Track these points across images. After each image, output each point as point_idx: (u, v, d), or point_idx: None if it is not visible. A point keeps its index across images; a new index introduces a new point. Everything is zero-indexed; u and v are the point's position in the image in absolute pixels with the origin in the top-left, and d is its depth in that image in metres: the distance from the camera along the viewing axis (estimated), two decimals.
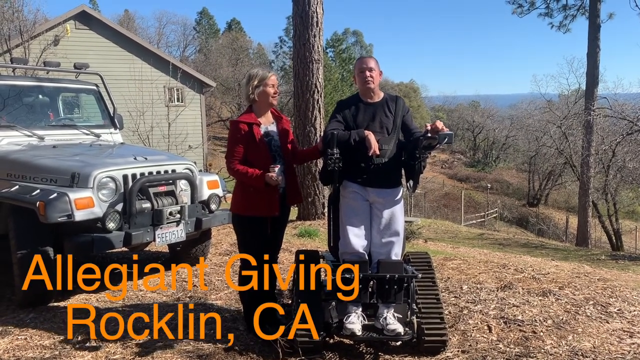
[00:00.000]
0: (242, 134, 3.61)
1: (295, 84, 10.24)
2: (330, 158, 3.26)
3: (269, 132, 3.72)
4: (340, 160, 3.28)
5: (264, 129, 3.70)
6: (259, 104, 3.72)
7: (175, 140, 15.27)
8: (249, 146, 3.61)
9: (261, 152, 3.62)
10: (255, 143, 3.61)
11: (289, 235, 8.70)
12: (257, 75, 3.68)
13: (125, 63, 18.69)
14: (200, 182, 5.15)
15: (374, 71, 3.55)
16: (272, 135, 3.73)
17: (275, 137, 3.74)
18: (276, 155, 3.70)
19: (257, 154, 3.61)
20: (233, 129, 3.68)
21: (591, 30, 23.77)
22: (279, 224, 3.85)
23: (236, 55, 43.03)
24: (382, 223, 3.50)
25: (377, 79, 3.58)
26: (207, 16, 59.82)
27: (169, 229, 4.65)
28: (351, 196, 3.52)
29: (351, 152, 3.39)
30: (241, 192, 3.68)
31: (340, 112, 3.58)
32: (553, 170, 38.77)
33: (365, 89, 3.59)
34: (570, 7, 26.24)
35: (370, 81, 3.54)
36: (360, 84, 3.59)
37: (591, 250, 16.62)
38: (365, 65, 3.56)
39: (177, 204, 4.78)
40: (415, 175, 3.49)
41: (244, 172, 3.56)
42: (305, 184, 10.08)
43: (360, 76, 3.57)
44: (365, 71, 3.54)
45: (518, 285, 4.83)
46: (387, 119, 3.53)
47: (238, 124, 3.65)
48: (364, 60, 3.60)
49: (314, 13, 9.92)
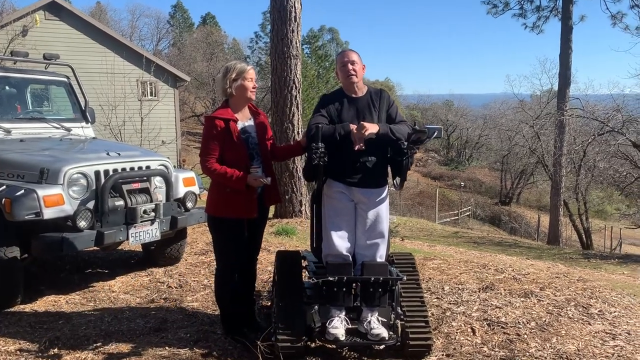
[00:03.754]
0: (218, 130, 3.43)
1: (272, 79, 10.09)
2: (315, 152, 3.12)
3: (246, 129, 3.56)
4: (325, 154, 3.14)
5: (241, 125, 3.54)
6: (235, 99, 3.55)
7: (148, 135, 14.97)
8: (225, 144, 3.44)
9: (238, 150, 3.46)
10: (232, 140, 3.44)
11: (266, 234, 8.47)
12: (235, 68, 3.51)
13: (96, 56, 18.20)
14: (176, 179, 4.97)
15: (356, 64, 3.41)
16: (249, 131, 3.57)
17: (253, 134, 3.58)
18: (254, 153, 3.54)
19: (233, 152, 3.45)
20: (208, 125, 3.50)
21: (564, 32, 24.13)
22: (257, 226, 3.70)
23: (211, 50, 42.47)
24: (367, 224, 3.39)
25: (360, 73, 3.44)
26: (181, 10, 58.99)
27: (143, 228, 4.47)
28: (335, 196, 3.39)
29: (336, 150, 3.26)
30: (217, 192, 3.52)
31: (324, 106, 3.44)
32: (525, 170, 39.31)
33: (348, 83, 3.45)
34: (543, 8, 26.57)
35: (353, 75, 3.40)
36: (343, 78, 3.45)
37: (564, 249, 16.85)
38: (347, 59, 3.42)
39: (151, 202, 4.60)
40: (402, 172, 3.37)
41: (222, 172, 3.38)
42: (282, 182, 9.94)
43: (343, 70, 3.44)
44: (347, 65, 3.40)
45: (499, 286, 4.79)
46: (372, 113, 3.41)
47: (213, 120, 3.47)
48: (345, 54, 3.46)
49: (292, 8, 9.77)
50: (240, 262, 3.63)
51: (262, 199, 3.58)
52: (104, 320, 4.07)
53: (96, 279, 5.10)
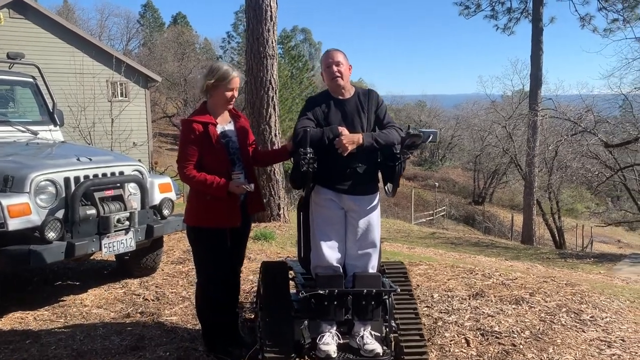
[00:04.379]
0: (197, 134, 3.20)
1: (248, 80, 9.84)
2: (304, 158, 2.92)
3: (226, 133, 3.34)
4: (315, 160, 2.94)
5: (221, 129, 3.32)
6: (214, 102, 3.33)
7: (119, 137, 14.62)
8: (204, 149, 3.22)
9: (218, 155, 3.24)
10: (211, 145, 3.22)
11: None
12: (217, 71, 3.25)
13: (64, 55, 17.67)
14: (151, 185, 4.71)
15: (341, 65, 3.21)
16: (229, 136, 3.35)
17: (234, 138, 3.36)
18: (235, 158, 3.33)
19: (213, 158, 3.23)
20: (185, 129, 3.26)
21: (534, 33, 24.43)
22: (240, 236, 3.48)
23: (182, 50, 41.92)
24: (358, 233, 3.19)
25: (346, 74, 3.24)
26: (151, 9, 58.02)
27: (117, 238, 4.21)
28: (324, 204, 3.19)
29: (324, 155, 3.06)
30: (196, 200, 3.29)
31: (311, 109, 3.23)
32: (497, 169, 39.76)
33: (334, 86, 3.25)
34: (514, 10, 26.86)
35: (338, 76, 3.20)
36: (328, 80, 3.26)
37: (540, 249, 16.99)
38: (331, 60, 3.22)
39: (125, 210, 4.33)
40: (395, 178, 3.19)
41: (201, 179, 3.16)
42: (259, 184, 9.72)
43: (327, 72, 3.24)
44: (332, 66, 3.20)
45: (489, 293, 4.66)
46: (361, 116, 3.22)
47: (191, 124, 3.24)
48: (330, 54, 3.25)
49: (267, 7, 9.56)
50: (223, 274, 3.41)
51: (244, 207, 3.36)
52: (75, 338, 3.79)
53: (67, 293, 4.79)
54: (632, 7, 23.75)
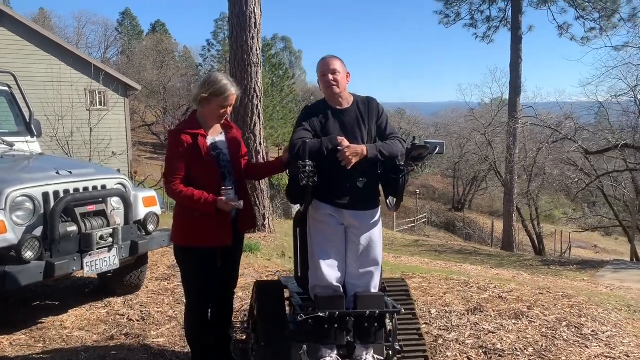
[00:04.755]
0: (185, 147, 3.00)
1: None
2: (303, 172, 2.74)
3: (216, 145, 3.14)
4: (315, 173, 2.76)
5: (211, 141, 3.12)
6: (205, 113, 3.12)
7: (97, 146, 14.30)
8: (193, 162, 3.02)
9: (208, 168, 3.04)
10: (200, 158, 3.02)
11: None
12: (214, 85, 3.03)
13: (41, 63, 17.24)
14: (135, 199, 4.49)
15: (338, 73, 3.04)
16: (220, 147, 3.15)
17: (224, 150, 3.17)
18: (225, 172, 3.13)
19: (203, 172, 3.03)
20: (173, 141, 3.06)
21: (513, 42, 24.68)
22: (233, 255, 3.28)
23: (161, 58, 41.44)
24: (360, 250, 3.02)
25: (343, 82, 3.07)
26: (130, 17, 57.41)
27: (100, 256, 3.97)
28: (323, 219, 3.01)
29: (322, 167, 2.88)
30: (184, 217, 3.08)
31: (307, 119, 3.05)
32: (476, 176, 40.06)
33: (330, 94, 3.08)
34: (493, 18, 27.09)
35: (334, 85, 3.03)
36: (324, 88, 3.09)
37: (523, 256, 17.02)
38: (327, 68, 3.05)
39: (108, 226, 4.10)
40: (398, 192, 3.01)
41: (188, 195, 2.96)
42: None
43: (323, 80, 3.06)
44: (328, 74, 3.03)
45: (487, 307, 4.53)
46: (362, 127, 3.05)
47: (179, 135, 3.03)
48: (325, 62, 3.08)
49: (251, 14, 9.40)
50: (215, 295, 3.21)
51: (235, 224, 3.17)
52: None
53: (45, 314, 4.51)
54: (608, 16, 24.15)
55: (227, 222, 3.07)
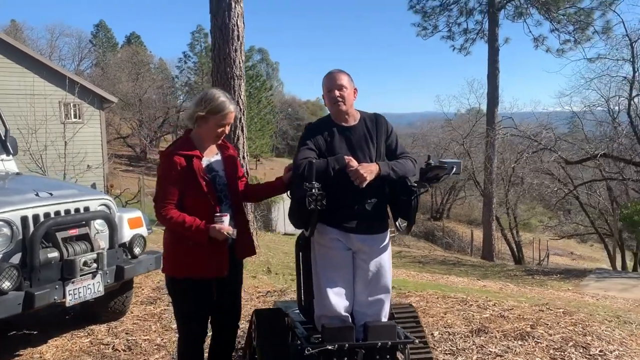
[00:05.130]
0: (178, 169, 2.77)
1: None
2: (311, 195, 2.55)
3: (212, 166, 2.92)
4: (323, 196, 2.56)
5: (206, 162, 2.90)
6: (201, 133, 2.91)
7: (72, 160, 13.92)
8: (187, 186, 2.79)
9: (203, 192, 2.81)
10: (195, 181, 2.79)
11: None
12: (210, 102, 2.82)
13: (13, 76, 16.79)
14: (120, 221, 4.23)
15: (344, 89, 2.86)
16: (216, 169, 2.93)
17: (220, 172, 2.95)
18: (222, 195, 2.90)
19: (197, 196, 2.80)
20: (166, 164, 2.82)
21: (490, 54, 24.95)
22: (231, 285, 3.03)
23: (136, 70, 40.91)
24: (369, 276, 2.82)
25: (350, 98, 2.90)
26: (104, 29, 56.67)
27: (83, 283, 3.71)
28: (329, 244, 2.81)
29: (328, 188, 2.68)
30: (176, 246, 2.84)
31: (311, 137, 2.86)
32: (455, 185, 40.31)
33: (336, 111, 2.91)
34: (470, 31, 27.38)
35: (341, 102, 2.85)
36: (330, 105, 2.91)
37: (506, 266, 17.03)
38: (333, 83, 2.87)
39: (92, 251, 3.84)
40: (410, 214, 2.84)
41: (179, 221, 2.72)
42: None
43: (329, 96, 2.89)
44: (334, 90, 2.85)
45: (491, 328, 4.37)
46: (370, 145, 2.87)
47: (172, 157, 2.80)
48: (332, 77, 2.90)
49: (234, 26, 9.22)
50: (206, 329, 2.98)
51: (232, 251, 2.94)
52: None
53: (23, 345, 4.20)
54: (582, 29, 24.56)
55: (222, 250, 2.84)
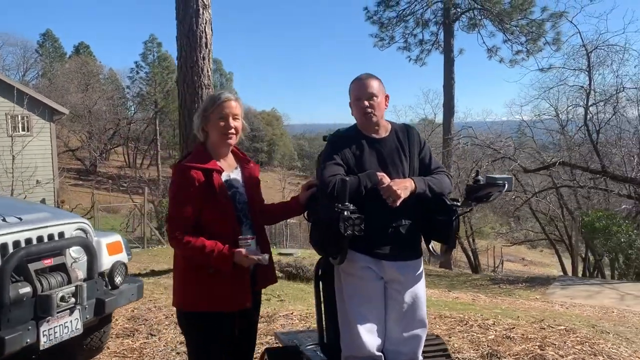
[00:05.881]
0: (196, 186, 2.40)
1: (181, 112, 9.00)
2: (347, 219, 2.20)
3: (231, 182, 2.55)
4: (362, 220, 2.23)
5: (225, 177, 2.53)
6: (212, 141, 2.55)
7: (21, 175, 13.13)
8: (205, 204, 2.42)
9: (223, 212, 2.45)
10: (215, 200, 2.43)
11: None
12: (205, 102, 2.57)
13: None
14: (98, 247, 3.76)
15: (375, 98, 2.55)
16: (235, 186, 2.56)
17: (241, 190, 2.58)
18: (241, 215, 2.54)
19: (216, 216, 2.43)
20: (181, 180, 2.44)
21: (446, 64, 25.34)
22: (249, 317, 2.65)
23: (86, 80, 39.54)
24: (404, 309, 2.50)
25: (381, 108, 2.58)
26: (51, 38, 54.53)
27: (60, 321, 3.22)
28: (359, 273, 2.48)
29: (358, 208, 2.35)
30: (191, 275, 2.45)
31: (338, 151, 2.53)
32: None
33: (365, 122, 2.59)
34: (426, 42, 27.72)
35: (371, 113, 2.55)
36: (359, 115, 2.59)
37: (471, 275, 17.10)
38: (363, 92, 2.55)
39: (69, 283, 3.36)
40: (451, 236, 2.52)
41: (197, 246, 2.35)
42: None
43: (357, 106, 2.57)
44: (364, 101, 2.54)
45: (501, 351, 4.12)
46: (402, 160, 2.57)
47: (188, 171, 2.42)
48: (362, 84, 2.57)
49: (202, 33, 8.83)
50: None
51: (254, 279, 2.57)
52: None
53: None
54: (534, 40, 25.28)
55: (244, 279, 2.47)
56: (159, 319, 4.84)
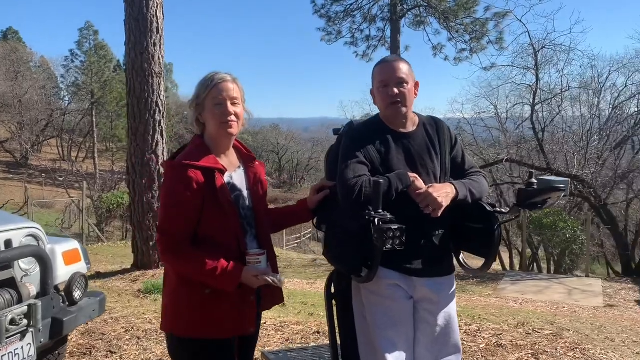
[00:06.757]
0: (194, 189, 1.95)
1: (130, 102, 8.39)
2: (386, 230, 1.83)
3: (234, 184, 2.11)
4: (403, 231, 1.85)
5: (227, 179, 2.08)
6: (210, 132, 2.10)
7: None
8: (207, 211, 1.98)
9: (226, 221, 2.01)
10: (217, 205, 1.98)
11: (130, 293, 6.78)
12: (197, 88, 2.08)
13: None
14: (53, 256, 3.21)
15: (405, 85, 2.16)
16: (238, 188, 2.12)
17: (245, 192, 2.14)
18: (245, 224, 2.10)
19: (217, 225, 2.00)
20: (176, 181, 1.98)
21: None
22: (250, 342, 2.25)
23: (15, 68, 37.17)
24: (436, 333, 2.15)
25: (411, 97, 2.19)
26: None
27: (10, 348, 2.68)
28: (387, 293, 2.11)
29: None
30: (186, 295, 2.01)
31: (361, 147, 2.13)
32: None
33: (394, 114, 2.19)
34: (372, 38, 27.60)
35: (400, 103, 2.15)
36: (384, 104, 2.18)
37: None
38: (391, 76, 2.15)
39: (20, 302, 2.82)
40: (493, 248, 2.13)
41: (197, 262, 1.92)
42: (144, 225, 8.27)
43: (383, 93, 2.17)
44: (392, 87, 2.14)
45: None
46: (433, 159, 2.20)
47: (186, 171, 1.97)
48: (390, 67, 2.17)
49: (153, 17, 8.25)
50: None
51: (258, 299, 2.14)
52: None
53: None
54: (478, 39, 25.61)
55: (248, 300, 2.05)
56: (118, 333, 4.30)
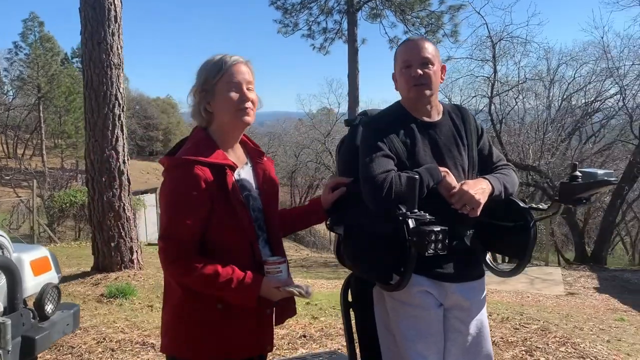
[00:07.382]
0: (203, 188, 1.67)
1: (87, 95, 7.92)
2: (428, 233, 1.63)
3: (243, 183, 1.84)
4: (446, 234, 1.65)
5: (236, 177, 1.81)
6: (219, 125, 1.82)
7: None
8: (216, 214, 1.71)
9: (238, 225, 1.74)
10: (228, 207, 1.72)
11: (94, 298, 6.40)
12: (202, 72, 1.79)
13: None
14: (20, 266, 2.87)
15: (431, 66, 1.95)
16: (247, 188, 1.85)
17: (254, 192, 1.88)
18: (256, 226, 1.83)
19: (229, 230, 1.73)
20: (180, 180, 1.70)
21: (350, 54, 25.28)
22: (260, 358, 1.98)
23: None
24: (467, 343, 1.96)
25: (437, 81, 1.99)
26: None
27: None
28: (416, 301, 1.91)
29: None
30: (190, 310, 1.74)
31: (384, 138, 1.91)
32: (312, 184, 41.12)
33: (418, 98, 1.97)
34: (329, 30, 27.44)
35: (425, 85, 1.94)
36: (407, 87, 1.96)
37: None
38: (416, 56, 1.94)
39: None
40: (528, 248, 1.92)
41: (209, 274, 1.65)
42: (105, 225, 7.83)
43: (406, 75, 1.95)
44: (416, 68, 1.93)
45: None
46: (460, 148, 2.01)
47: (192, 168, 1.68)
48: (415, 45, 1.98)
49: (111, 5, 7.81)
50: None
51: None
52: None
53: None
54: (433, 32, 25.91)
55: (265, 316, 1.80)
56: (89, 346, 3.96)
